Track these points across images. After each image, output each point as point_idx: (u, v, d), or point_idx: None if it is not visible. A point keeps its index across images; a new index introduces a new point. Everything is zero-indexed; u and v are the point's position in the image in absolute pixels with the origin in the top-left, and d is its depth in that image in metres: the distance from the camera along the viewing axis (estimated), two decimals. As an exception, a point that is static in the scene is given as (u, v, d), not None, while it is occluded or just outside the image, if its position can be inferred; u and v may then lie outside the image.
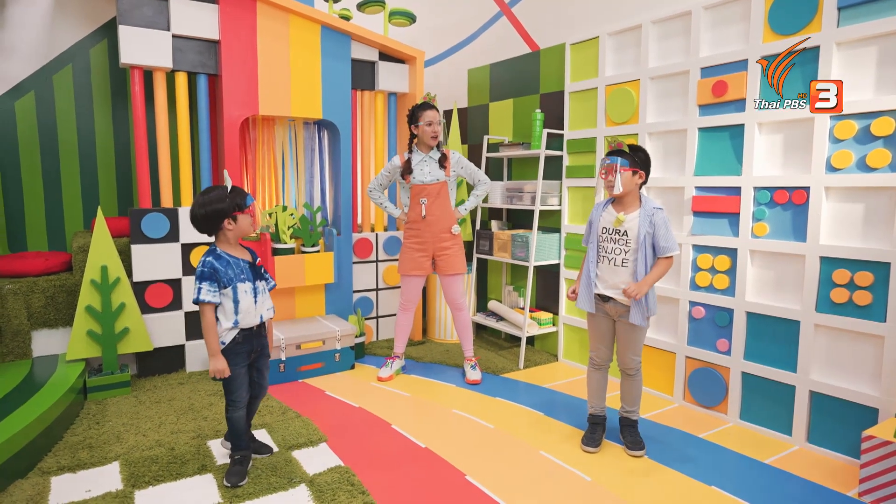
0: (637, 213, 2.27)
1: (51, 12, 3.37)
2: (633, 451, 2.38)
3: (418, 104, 3.05)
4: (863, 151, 2.23)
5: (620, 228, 2.29)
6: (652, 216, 2.24)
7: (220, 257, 2.04)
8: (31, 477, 2.10)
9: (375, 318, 3.90)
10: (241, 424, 2.12)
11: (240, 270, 2.07)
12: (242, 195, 2.07)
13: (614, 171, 2.24)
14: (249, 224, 2.08)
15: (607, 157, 2.29)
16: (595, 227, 2.39)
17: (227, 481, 2.05)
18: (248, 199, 2.08)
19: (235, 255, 2.08)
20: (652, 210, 2.25)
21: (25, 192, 3.40)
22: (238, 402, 2.10)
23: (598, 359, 2.45)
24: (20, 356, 2.94)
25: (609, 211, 2.35)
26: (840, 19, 2.26)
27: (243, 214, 2.06)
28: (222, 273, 2.02)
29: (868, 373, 2.24)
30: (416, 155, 3.05)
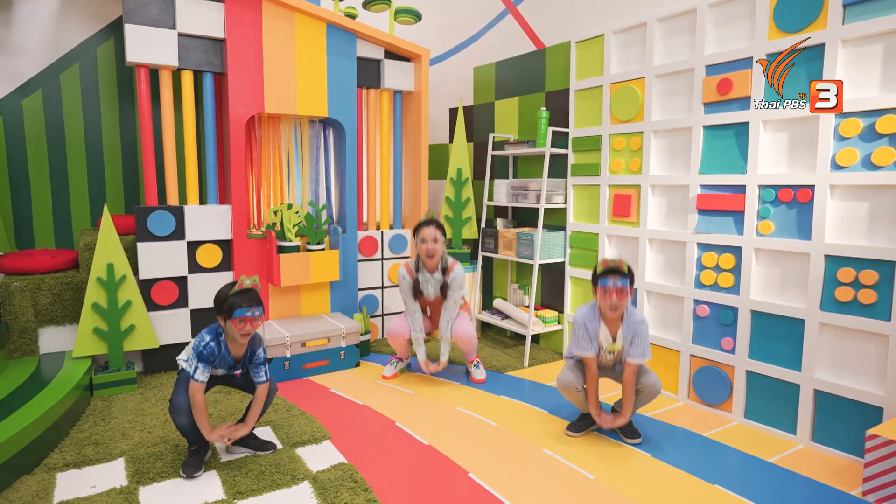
0: (621, 332, 2.39)
1: (58, 11, 3.39)
2: (632, 438, 2.44)
3: (420, 221, 3.06)
4: (868, 149, 2.21)
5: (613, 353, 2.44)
6: (635, 328, 2.36)
7: (220, 345, 2.14)
8: (36, 473, 2.12)
9: (381, 316, 3.91)
10: (186, 429, 2.15)
11: (223, 363, 2.18)
12: (234, 305, 2.06)
13: (619, 293, 2.30)
14: (236, 335, 2.10)
15: (612, 279, 2.30)
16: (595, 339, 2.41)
17: (182, 472, 2.10)
18: (237, 311, 2.06)
19: (230, 351, 2.17)
20: (635, 324, 2.36)
21: (33, 190, 3.42)
22: (177, 408, 2.10)
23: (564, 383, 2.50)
24: (27, 353, 2.97)
25: (603, 329, 2.41)
26: (845, 16, 2.25)
27: (231, 323, 2.08)
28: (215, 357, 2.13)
29: (873, 372, 2.23)
30: (422, 274, 3.08)
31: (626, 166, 3.13)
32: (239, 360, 2.21)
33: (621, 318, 2.38)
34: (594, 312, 2.42)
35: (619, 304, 2.31)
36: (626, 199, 3.12)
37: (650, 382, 2.40)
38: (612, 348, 2.41)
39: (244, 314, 2.06)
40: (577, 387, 2.48)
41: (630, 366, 2.37)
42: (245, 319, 2.07)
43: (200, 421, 2.11)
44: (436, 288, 3.08)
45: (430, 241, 2.98)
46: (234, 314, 2.06)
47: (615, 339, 2.40)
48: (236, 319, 2.07)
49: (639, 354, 2.35)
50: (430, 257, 3.00)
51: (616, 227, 3.20)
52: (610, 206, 3.23)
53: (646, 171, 3.00)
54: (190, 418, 2.12)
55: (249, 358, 2.23)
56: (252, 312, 2.08)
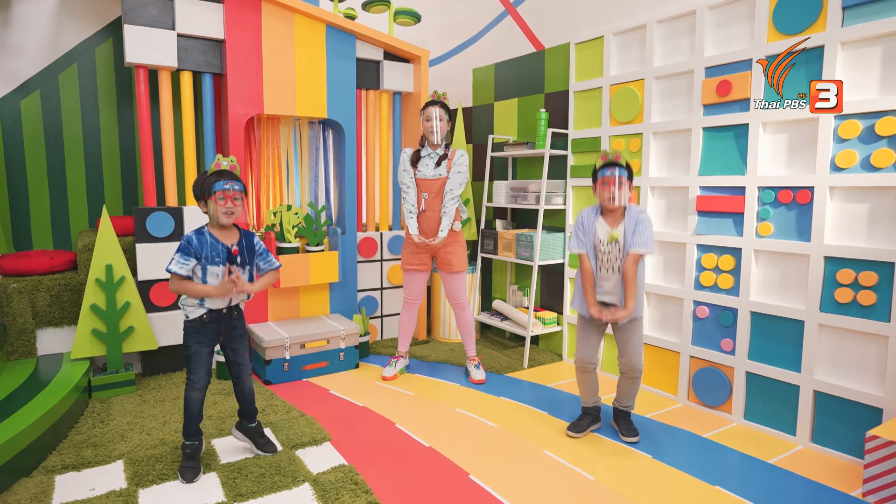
0: (624, 222, 2.34)
1: (56, 11, 3.38)
2: (629, 436, 2.45)
3: (426, 102, 3.08)
4: (867, 151, 2.22)
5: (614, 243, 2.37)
6: (637, 217, 2.31)
7: (202, 234, 2.06)
8: (35, 475, 2.10)
9: (380, 318, 3.91)
10: (196, 406, 2.13)
11: (216, 253, 2.07)
12: (211, 181, 2.03)
13: (618, 183, 2.27)
14: (219, 211, 2.03)
15: (610, 168, 2.29)
16: (591, 236, 2.39)
17: (181, 476, 2.08)
18: (215, 185, 2.02)
19: (218, 238, 2.09)
20: (636, 213, 2.33)
21: (31, 191, 3.41)
22: (196, 381, 2.11)
23: (584, 362, 2.50)
24: (25, 354, 2.95)
25: (601, 223, 2.37)
26: (844, 19, 2.26)
27: (211, 200, 2.03)
28: (196, 249, 2.04)
29: (872, 373, 2.24)
30: (424, 149, 3.08)
31: (625, 168, 3.13)
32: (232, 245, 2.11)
33: (623, 214, 2.34)
34: (594, 210, 2.41)
35: (619, 194, 2.28)
36: (625, 200, 3.12)
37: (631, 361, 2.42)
38: (612, 236, 2.32)
39: (223, 187, 2.01)
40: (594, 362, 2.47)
41: (632, 256, 2.30)
42: (225, 194, 2.01)
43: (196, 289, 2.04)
44: (434, 166, 3.05)
45: (436, 119, 3.01)
46: (213, 189, 2.01)
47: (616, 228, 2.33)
48: (216, 195, 2.01)
49: (641, 244, 2.28)
50: (434, 134, 3.01)
51: (615, 228, 3.19)
52: (609, 208, 3.23)
53: (645, 173, 3.00)
54: (203, 394, 2.13)
55: (250, 251, 2.17)
56: (231, 186, 2.03)
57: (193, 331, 2.13)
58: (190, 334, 2.13)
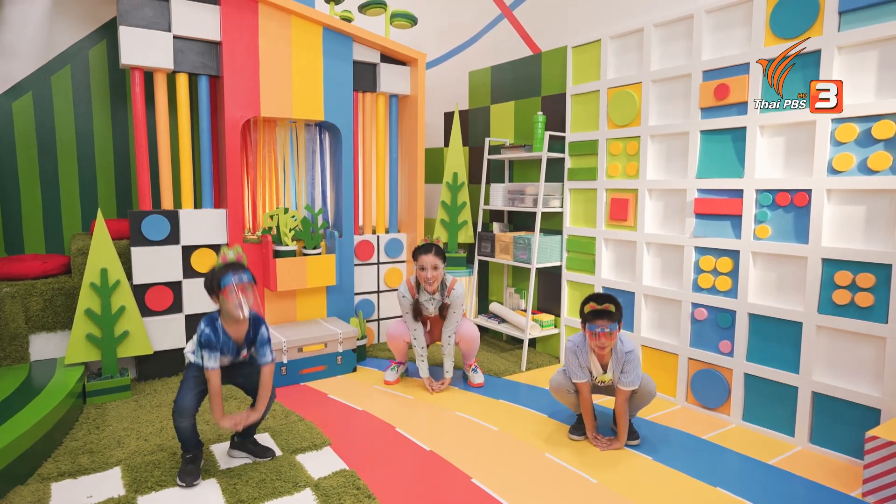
0: (612, 363, 2.39)
1: (49, 12, 3.34)
2: (629, 440, 2.47)
3: (419, 245, 3.02)
4: (864, 154, 2.24)
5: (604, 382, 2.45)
6: (624, 358, 2.36)
7: (216, 330, 2.08)
8: (30, 483, 2.07)
9: (377, 321, 3.89)
10: (188, 434, 2.10)
11: (227, 349, 2.12)
12: (219, 277, 2.02)
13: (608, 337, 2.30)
14: (231, 307, 2.03)
15: (600, 324, 2.29)
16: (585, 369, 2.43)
17: (180, 481, 2.06)
18: (223, 280, 2.01)
19: (229, 335, 2.11)
20: (624, 354, 2.36)
21: (23, 194, 3.36)
22: (181, 410, 2.07)
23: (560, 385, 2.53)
24: (17, 360, 2.91)
25: (593, 361, 2.41)
26: (841, 23, 2.28)
27: (222, 296, 2.03)
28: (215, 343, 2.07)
29: (870, 374, 2.26)
30: (422, 294, 3.07)
31: (623, 170, 3.14)
32: (241, 343, 2.14)
33: (611, 351, 2.39)
34: (584, 345, 2.42)
35: (607, 345, 2.33)
36: (623, 203, 3.14)
37: (645, 388, 2.42)
38: (603, 378, 2.42)
39: (230, 281, 2.00)
40: (569, 389, 2.49)
41: (621, 392, 2.39)
42: (233, 287, 2.00)
43: (215, 404, 2.07)
44: (436, 307, 3.08)
45: (430, 269, 2.94)
46: (222, 284, 2.00)
47: (605, 371, 2.41)
48: (225, 290, 2.00)
49: (629, 382, 2.36)
50: (429, 284, 2.98)
51: (613, 230, 3.21)
52: (607, 210, 3.24)
53: (643, 176, 3.02)
54: (193, 421, 2.10)
55: (253, 338, 2.17)
56: (239, 278, 2.01)
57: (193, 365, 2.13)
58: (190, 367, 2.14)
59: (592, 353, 2.40)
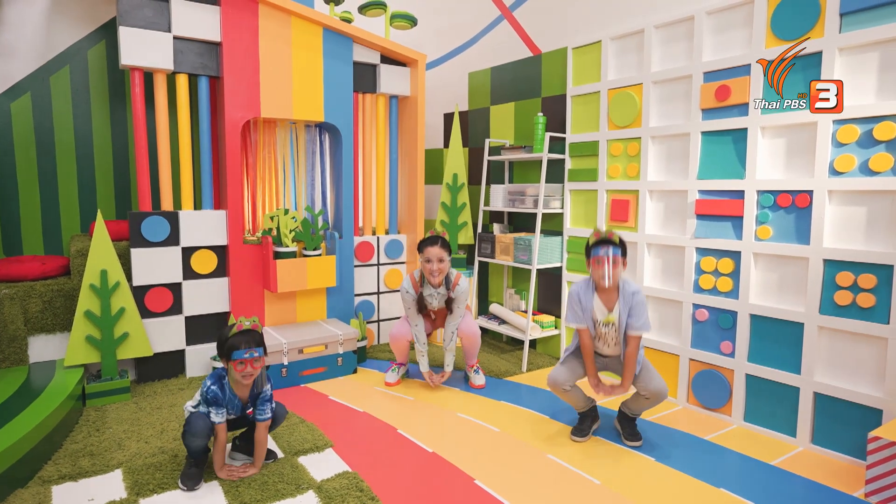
0: (618, 304, 2.37)
1: (48, 12, 3.33)
2: (632, 441, 2.47)
3: (425, 237, 3.03)
4: (865, 155, 2.25)
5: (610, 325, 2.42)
6: (631, 299, 2.35)
7: (223, 389, 2.12)
8: (31, 486, 2.05)
9: (377, 322, 3.88)
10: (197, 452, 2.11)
11: (232, 407, 2.14)
12: (233, 347, 2.03)
13: (611, 262, 2.30)
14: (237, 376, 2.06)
15: (603, 248, 2.30)
16: (588, 312, 2.42)
17: (182, 484, 2.06)
18: (234, 354, 2.03)
19: (234, 392, 2.13)
20: (630, 294, 2.35)
21: (21, 195, 3.34)
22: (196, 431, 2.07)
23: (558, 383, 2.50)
24: (16, 362, 2.89)
25: (598, 303, 2.40)
26: (842, 25, 2.29)
27: (231, 365, 2.06)
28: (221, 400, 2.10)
29: (872, 374, 2.26)
30: (426, 288, 3.06)
31: (623, 171, 3.15)
32: (246, 401, 2.17)
33: (617, 289, 2.37)
34: (588, 285, 2.42)
35: (612, 273, 2.31)
36: (623, 203, 3.14)
37: (656, 387, 2.40)
38: (608, 319, 2.37)
39: (242, 356, 2.04)
40: (566, 386, 2.48)
41: (632, 339, 2.35)
42: (244, 361, 2.04)
43: (218, 458, 2.13)
44: (440, 301, 3.07)
45: (436, 262, 2.95)
46: (233, 356, 2.04)
47: (611, 311, 2.38)
48: (235, 361, 2.04)
49: (639, 326, 2.34)
50: (434, 276, 2.98)
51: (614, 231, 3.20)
52: (608, 211, 3.25)
53: (644, 177, 3.02)
54: (205, 441, 2.10)
55: (256, 394, 2.19)
56: (251, 354, 2.04)
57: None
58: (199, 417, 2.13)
59: (597, 294, 2.38)
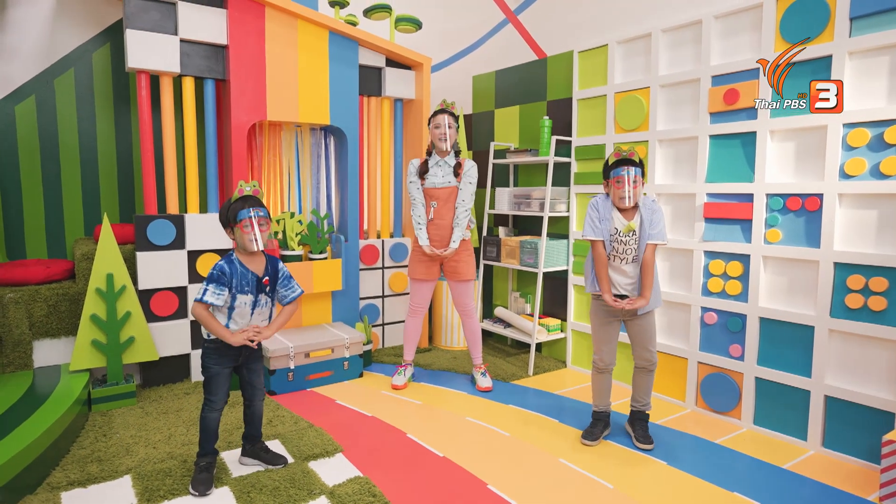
0: (638, 214, 2.36)
1: (53, 15, 3.31)
2: (644, 444, 2.46)
3: (435, 109, 3.07)
4: (876, 159, 2.26)
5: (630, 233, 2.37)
6: (651, 209, 2.34)
7: (232, 263, 2.06)
8: (39, 492, 2.03)
9: (381, 326, 3.87)
10: (214, 426, 2.10)
11: (245, 282, 2.08)
12: (236, 209, 2.03)
13: (631, 182, 2.29)
14: (246, 239, 2.02)
15: (624, 167, 2.30)
16: (607, 223, 2.38)
17: (193, 489, 2.04)
18: (240, 213, 2.02)
19: (247, 266, 2.08)
20: (651, 205, 2.35)
21: (25, 198, 3.32)
22: (215, 402, 2.09)
23: (602, 362, 2.52)
24: (21, 367, 2.86)
25: (617, 214, 2.38)
26: (852, 29, 2.30)
27: (238, 228, 2.03)
28: (228, 279, 2.04)
29: (884, 377, 2.26)
30: (432, 158, 3.07)
31: (630, 175, 3.14)
32: (261, 274, 2.10)
33: (636, 207, 2.36)
34: (607, 201, 2.40)
35: (633, 193, 2.30)
36: (631, 207, 3.14)
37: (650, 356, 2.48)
38: (629, 227, 2.34)
39: (248, 215, 2.01)
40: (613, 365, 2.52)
41: (650, 246, 2.33)
42: (249, 221, 2.01)
43: (215, 328, 2.03)
44: (446, 173, 3.04)
45: (445, 126, 2.99)
46: (238, 217, 2.01)
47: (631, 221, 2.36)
48: (241, 223, 2.01)
49: (658, 235, 2.32)
50: (443, 141, 2.99)
51: (621, 235, 3.21)
52: (614, 215, 3.24)
53: (651, 180, 3.02)
54: (220, 413, 2.10)
55: (273, 273, 2.14)
56: (256, 213, 2.02)
57: (214, 351, 2.09)
58: (210, 355, 2.10)
59: (616, 211, 2.37)
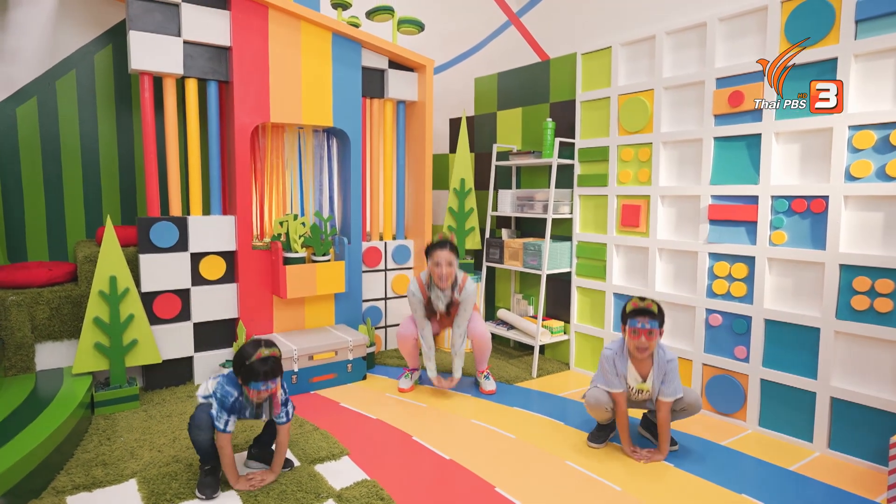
0: (652, 372, 2.36)
1: (55, 16, 3.30)
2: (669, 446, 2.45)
3: (433, 241, 3.02)
4: (882, 161, 2.26)
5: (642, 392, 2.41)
6: (665, 367, 2.35)
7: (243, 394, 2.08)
8: (45, 497, 2.02)
9: (384, 328, 3.86)
10: (205, 447, 2.07)
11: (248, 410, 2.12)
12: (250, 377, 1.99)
13: (647, 335, 2.28)
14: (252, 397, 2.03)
15: (641, 320, 2.27)
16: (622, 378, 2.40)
17: (199, 493, 2.03)
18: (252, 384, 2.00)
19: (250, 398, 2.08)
20: (665, 363, 2.35)
21: (26, 201, 3.30)
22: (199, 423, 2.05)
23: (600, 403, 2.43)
24: (23, 370, 2.84)
25: (631, 370, 2.39)
26: (857, 32, 2.30)
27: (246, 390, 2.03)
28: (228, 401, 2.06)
29: (890, 379, 2.27)
30: (433, 291, 3.05)
31: (634, 177, 3.15)
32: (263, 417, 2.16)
33: (651, 357, 2.36)
34: (622, 351, 2.38)
35: (648, 345, 2.29)
36: (634, 209, 3.14)
37: (692, 400, 2.41)
38: (641, 387, 2.38)
39: (259, 388, 2.01)
40: (607, 407, 2.42)
41: (663, 404, 2.35)
42: (260, 392, 2.03)
43: (228, 470, 2.08)
44: (446, 304, 3.06)
45: (444, 266, 2.94)
46: (250, 385, 2.02)
47: (645, 379, 2.37)
48: (251, 390, 2.03)
49: (671, 393, 2.34)
50: (443, 281, 2.97)
51: (624, 237, 3.21)
52: (618, 217, 3.25)
53: (655, 182, 3.03)
54: (211, 433, 2.06)
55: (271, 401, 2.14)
56: (267, 387, 2.02)
57: None
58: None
59: (631, 361, 2.37)
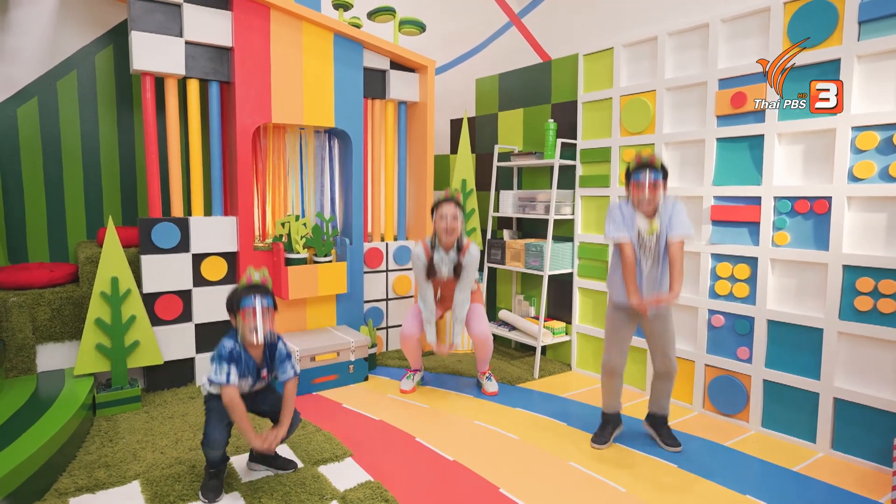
0: (659, 214, 2.34)
1: (55, 16, 3.29)
2: (672, 446, 2.46)
3: (440, 198, 3.04)
4: (885, 162, 2.27)
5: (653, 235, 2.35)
6: (672, 208, 2.32)
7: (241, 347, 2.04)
8: (48, 499, 2.01)
9: (385, 329, 3.86)
10: (216, 461, 2.07)
11: (247, 368, 2.06)
12: (240, 297, 1.97)
13: (651, 186, 2.27)
14: (247, 329, 1.98)
15: (643, 172, 2.28)
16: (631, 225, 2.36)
17: (203, 495, 2.02)
18: (243, 300, 1.96)
19: (249, 353, 2.06)
20: (671, 205, 2.34)
21: (27, 201, 3.29)
22: (212, 443, 2.02)
23: (612, 365, 2.50)
24: (24, 371, 2.83)
25: (640, 216, 2.36)
26: (861, 33, 2.31)
27: (241, 316, 1.98)
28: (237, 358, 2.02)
29: (893, 379, 2.27)
30: (437, 252, 3.04)
31: (636, 178, 3.15)
32: (261, 363, 2.09)
33: (655, 209, 2.33)
34: (628, 205, 2.38)
35: (653, 198, 2.28)
36: (637, 210, 3.14)
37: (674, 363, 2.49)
38: (652, 229, 2.32)
39: (251, 303, 1.95)
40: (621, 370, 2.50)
41: (674, 244, 2.30)
42: (251, 311, 1.95)
43: (244, 427, 1.99)
44: (450, 268, 3.05)
45: (450, 219, 2.97)
46: (241, 304, 1.96)
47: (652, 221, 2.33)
48: (243, 311, 1.96)
49: (682, 230, 2.29)
50: (448, 234, 2.98)
51: (627, 237, 3.21)
52: (620, 217, 3.24)
53: (658, 183, 3.02)
54: (224, 451, 2.06)
55: (271, 357, 2.12)
56: (260, 302, 1.96)
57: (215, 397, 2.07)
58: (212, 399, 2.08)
59: (637, 211, 2.35)
